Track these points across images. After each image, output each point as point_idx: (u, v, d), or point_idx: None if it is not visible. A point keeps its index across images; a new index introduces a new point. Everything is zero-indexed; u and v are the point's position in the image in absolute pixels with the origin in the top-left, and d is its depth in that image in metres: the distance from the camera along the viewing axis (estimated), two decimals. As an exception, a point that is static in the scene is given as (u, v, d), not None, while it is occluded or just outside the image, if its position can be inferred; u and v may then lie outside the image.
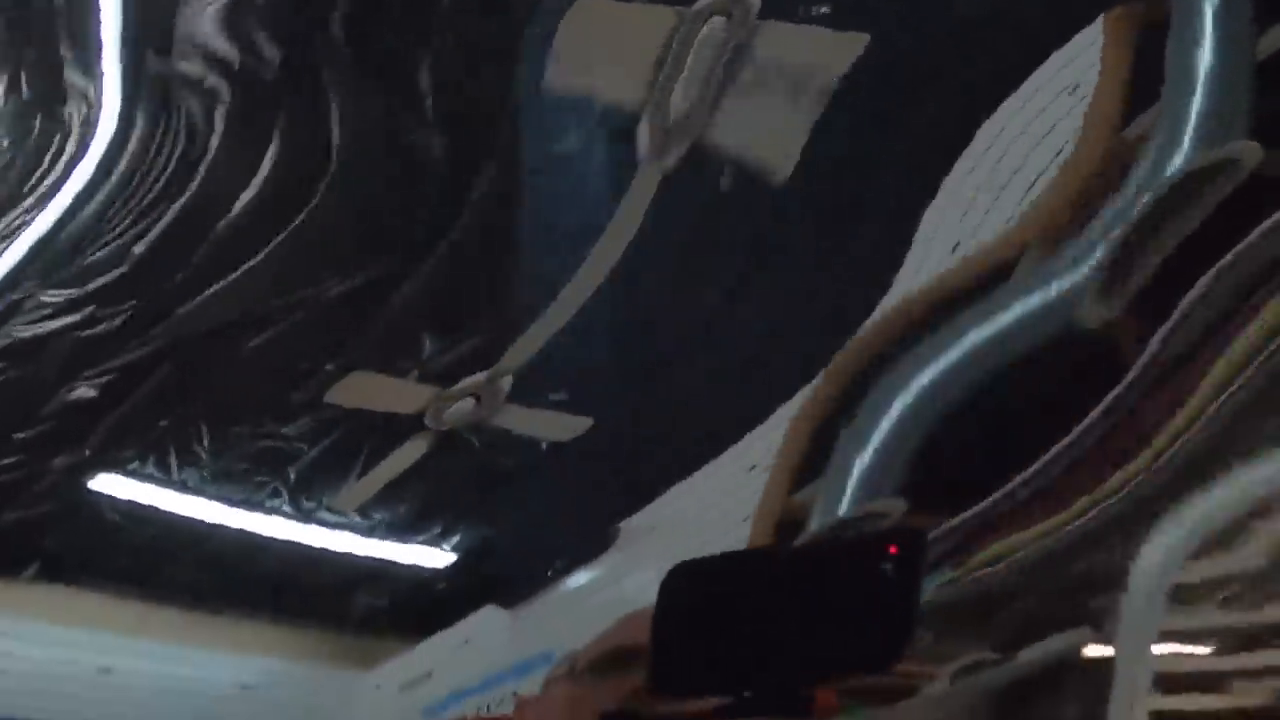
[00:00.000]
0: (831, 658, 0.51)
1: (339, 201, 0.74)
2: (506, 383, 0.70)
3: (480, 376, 0.71)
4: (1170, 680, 0.58)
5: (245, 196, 0.74)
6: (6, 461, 0.76)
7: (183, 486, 0.74)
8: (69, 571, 0.77)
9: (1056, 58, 0.67)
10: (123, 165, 0.77)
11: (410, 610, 0.71)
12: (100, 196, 0.77)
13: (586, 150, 0.73)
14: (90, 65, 0.80)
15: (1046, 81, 0.67)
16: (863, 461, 0.62)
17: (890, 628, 0.51)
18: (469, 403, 0.71)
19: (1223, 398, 0.60)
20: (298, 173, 0.75)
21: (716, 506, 0.66)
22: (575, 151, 0.73)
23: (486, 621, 0.68)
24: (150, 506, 0.75)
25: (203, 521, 0.75)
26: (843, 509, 0.61)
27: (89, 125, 0.78)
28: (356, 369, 0.72)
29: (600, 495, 0.70)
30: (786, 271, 0.70)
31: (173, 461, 0.74)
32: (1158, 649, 0.58)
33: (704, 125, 0.69)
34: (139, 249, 0.75)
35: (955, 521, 0.61)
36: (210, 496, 0.74)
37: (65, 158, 0.78)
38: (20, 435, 0.75)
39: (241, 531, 0.75)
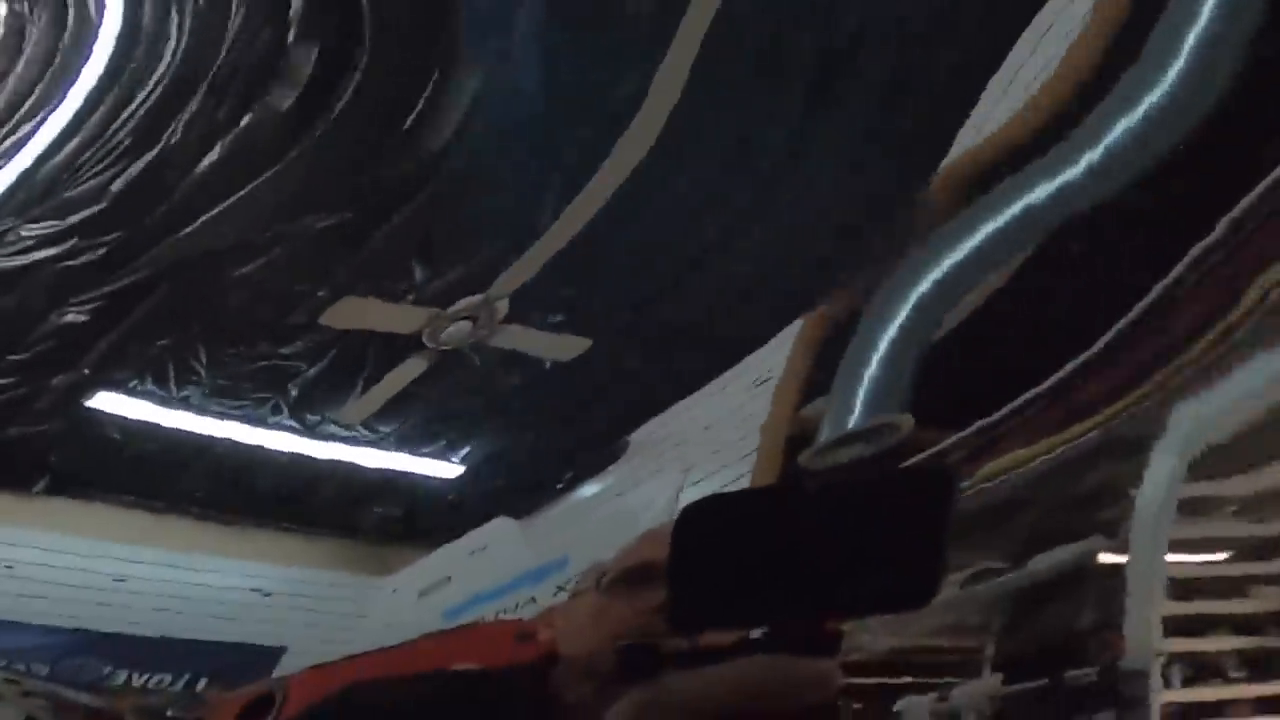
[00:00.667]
0: (858, 598, 0.51)
1: (321, 146, 0.74)
2: (503, 305, 0.71)
3: (476, 299, 0.71)
4: (1184, 586, 0.59)
5: (227, 138, 0.75)
6: (4, 382, 0.77)
7: (183, 403, 0.75)
8: (77, 486, 0.78)
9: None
10: (117, 86, 0.77)
11: (423, 520, 0.72)
12: (83, 133, 0.77)
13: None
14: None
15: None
16: (870, 374, 0.63)
17: (921, 570, 0.51)
18: (465, 324, 0.71)
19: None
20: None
21: (725, 419, 0.67)
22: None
23: (499, 531, 0.70)
24: (152, 423, 0.75)
25: (207, 436, 0.76)
26: (852, 422, 0.62)
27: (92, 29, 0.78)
28: (349, 294, 0.74)
29: (605, 410, 0.71)
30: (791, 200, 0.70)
31: (171, 380, 0.75)
32: (1171, 557, 0.59)
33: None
34: (117, 186, 0.75)
35: (964, 433, 0.61)
36: (211, 413, 0.75)
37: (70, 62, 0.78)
38: (15, 358, 0.76)
39: (247, 445, 0.75)
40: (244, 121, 0.72)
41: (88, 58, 0.78)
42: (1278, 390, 0.61)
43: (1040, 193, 0.66)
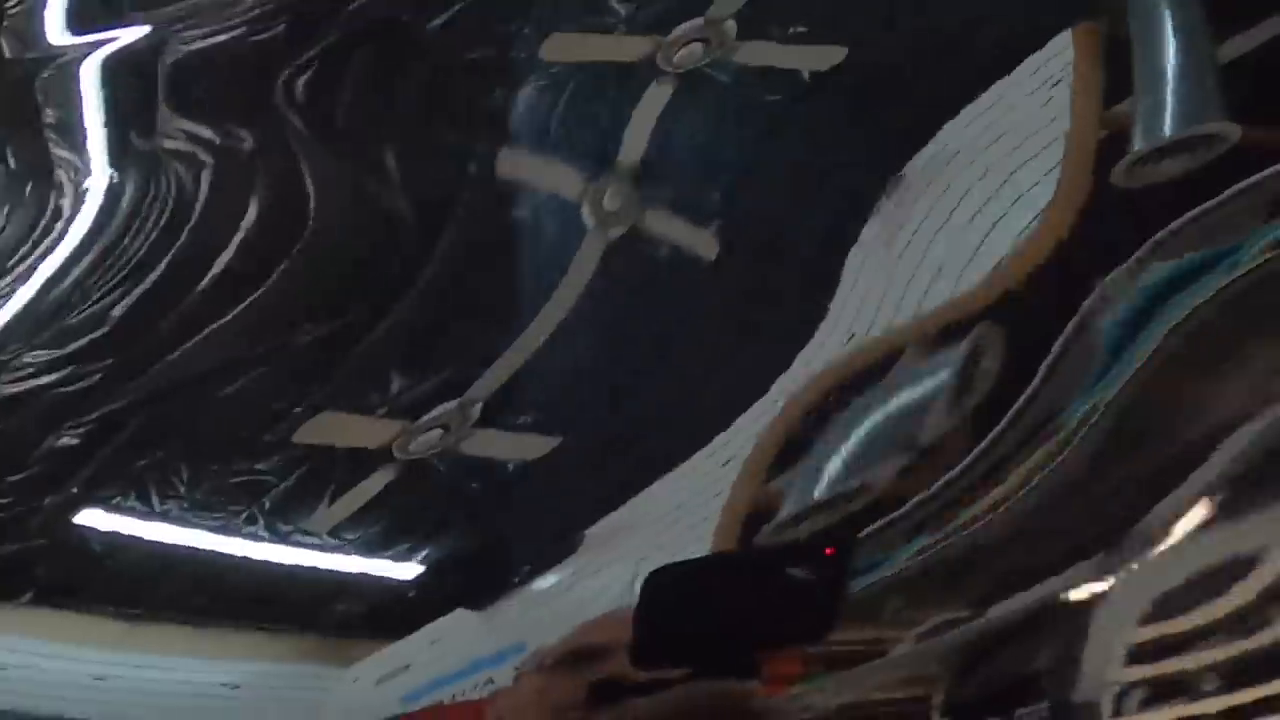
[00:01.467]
0: (776, 634, 0.66)
1: (311, 259, 0.82)
2: (475, 410, 0.76)
3: (450, 405, 0.76)
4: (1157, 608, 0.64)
5: (223, 259, 0.82)
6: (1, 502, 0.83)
7: (164, 517, 0.80)
8: (62, 595, 0.82)
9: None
10: (111, 230, 0.84)
11: (384, 615, 0.75)
12: (85, 262, 0.84)
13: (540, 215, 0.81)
14: (76, 143, 0.88)
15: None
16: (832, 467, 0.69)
17: (822, 612, 0.65)
18: (436, 433, 0.76)
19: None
20: (274, 233, 0.83)
21: (681, 507, 0.71)
22: (530, 216, 0.81)
23: (458, 621, 0.74)
24: (133, 536, 0.81)
25: (185, 546, 0.81)
26: (817, 494, 0.68)
27: (79, 194, 0.85)
28: (326, 409, 0.78)
29: (564, 506, 0.75)
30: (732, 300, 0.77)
31: (153, 495, 0.79)
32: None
33: (637, 217, 0.77)
34: (118, 311, 0.81)
35: (935, 487, 0.66)
36: (190, 525, 0.80)
37: (54, 228, 0.85)
38: (10, 479, 0.82)
39: (221, 553, 0.80)
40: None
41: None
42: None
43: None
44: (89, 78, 0.89)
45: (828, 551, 0.67)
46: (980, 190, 0.68)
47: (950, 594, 0.67)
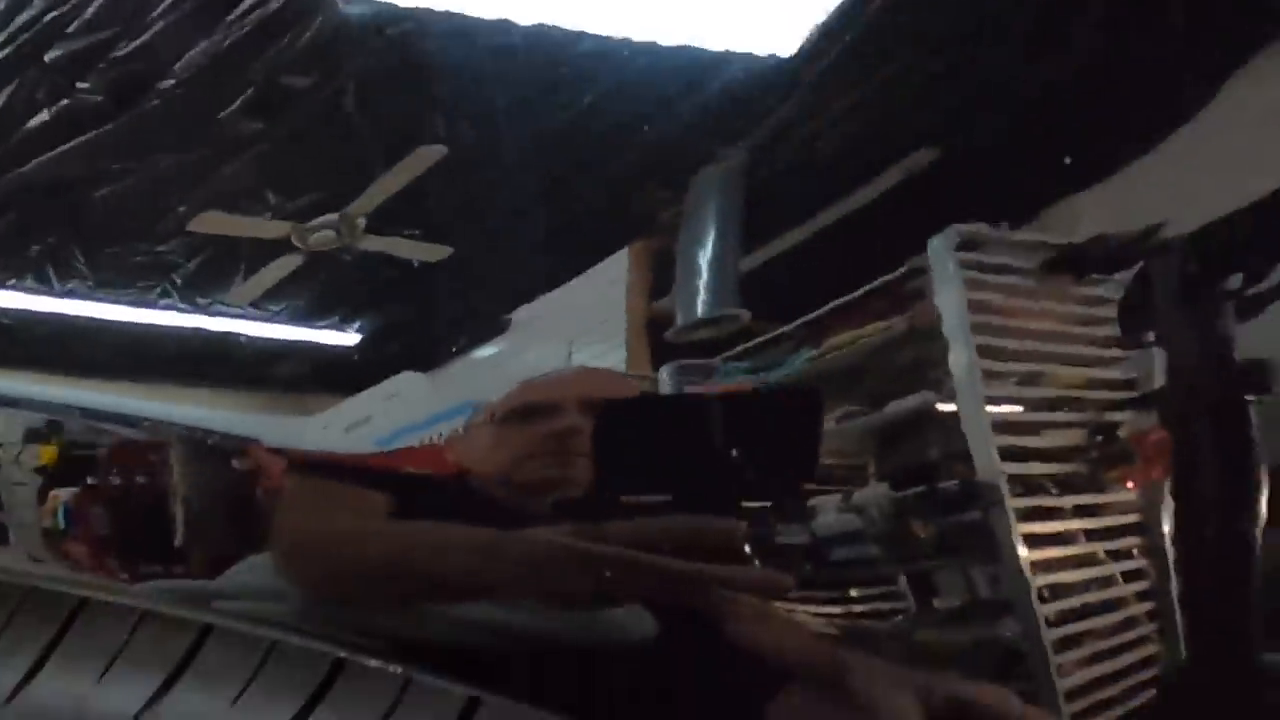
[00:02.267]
0: (756, 481, 0.67)
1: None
2: (361, 221, 0.73)
3: (333, 216, 0.74)
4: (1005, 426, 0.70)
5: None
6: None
7: (70, 294, 0.78)
8: None
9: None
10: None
11: (331, 376, 0.77)
12: None
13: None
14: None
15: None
16: (704, 280, 0.72)
17: (795, 465, 0.68)
18: (329, 233, 0.73)
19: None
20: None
21: (598, 303, 0.74)
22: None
23: (407, 381, 0.76)
24: (44, 312, 0.79)
25: (100, 319, 0.79)
26: (699, 313, 0.71)
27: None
28: (209, 210, 0.76)
29: (482, 295, 0.74)
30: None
31: (52, 277, 0.78)
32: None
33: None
34: None
35: (811, 316, 0.71)
36: (99, 299, 0.78)
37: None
38: None
39: (140, 324, 0.79)
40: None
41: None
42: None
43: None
44: None
45: (799, 401, 0.67)
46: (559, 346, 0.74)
47: (851, 391, 0.72)
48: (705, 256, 0.73)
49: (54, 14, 0.75)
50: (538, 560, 0.66)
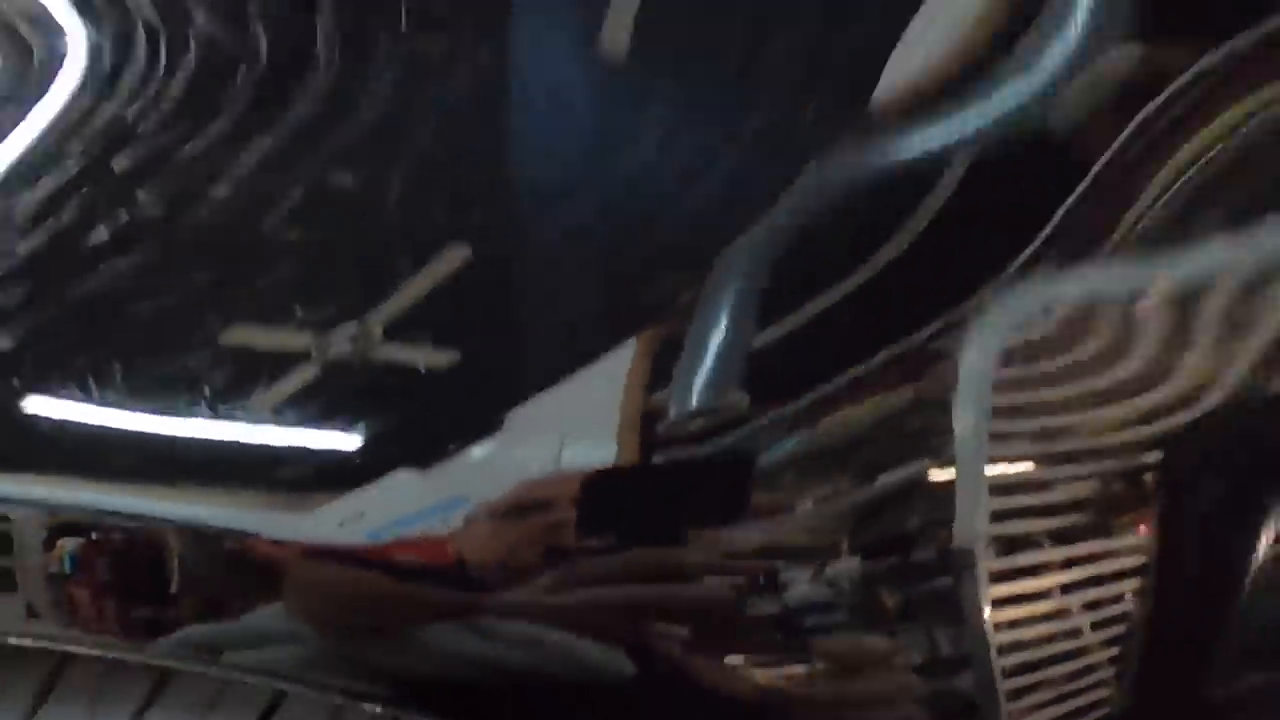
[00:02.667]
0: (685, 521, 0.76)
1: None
2: (379, 329, 0.81)
3: (352, 325, 0.81)
4: (1001, 488, 0.76)
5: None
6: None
7: (108, 403, 0.86)
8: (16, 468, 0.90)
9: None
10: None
11: (332, 477, 0.82)
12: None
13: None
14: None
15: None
16: (705, 367, 0.77)
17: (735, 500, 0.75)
18: (346, 345, 0.81)
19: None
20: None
21: (590, 402, 0.79)
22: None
23: (403, 479, 0.81)
24: (80, 420, 0.86)
25: (132, 428, 0.88)
26: (693, 403, 0.76)
27: None
28: (238, 323, 0.83)
29: (483, 391, 0.81)
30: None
31: (92, 387, 0.85)
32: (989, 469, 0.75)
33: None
34: (25, 249, 0.83)
35: (796, 405, 0.76)
36: (133, 409, 0.86)
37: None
38: None
39: (167, 432, 0.87)
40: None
41: None
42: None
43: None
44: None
45: (722, 473, 0.76)
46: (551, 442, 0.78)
47: (835, 474, 0.76)
48: (716, 340, 0.77)
49: (129, 112, 0.85)
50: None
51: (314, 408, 0.83)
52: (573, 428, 0.79)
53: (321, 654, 0.81)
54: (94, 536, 0.85)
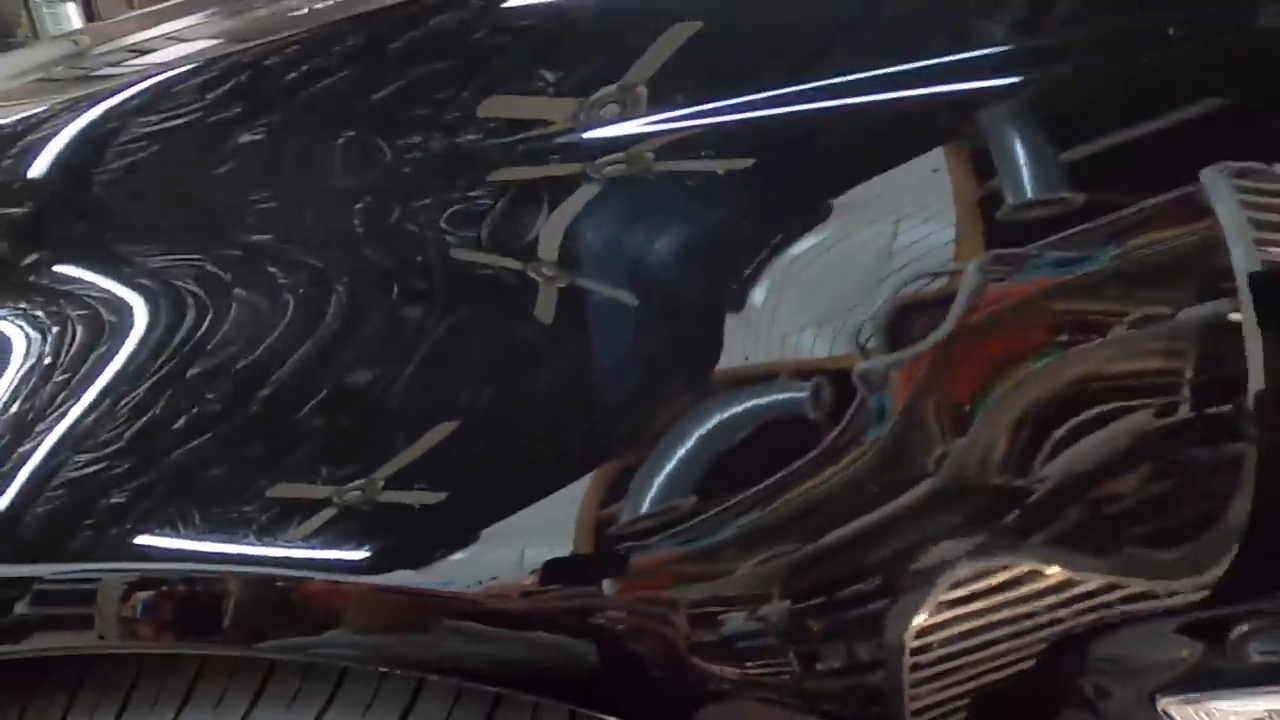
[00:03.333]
0: None
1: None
2: (381, 481, 0.99)
3: (360, 481, 1.00)
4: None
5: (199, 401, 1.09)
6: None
7: (185, 538, 1.06)
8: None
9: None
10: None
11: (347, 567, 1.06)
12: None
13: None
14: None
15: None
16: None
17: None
18: (356, 493, 0.99)
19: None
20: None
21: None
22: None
23: (402, 575, 1.05)
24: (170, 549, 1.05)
25: (203, 552, 1.06)
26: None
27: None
28: (281, 482, 1.08)
29: (464, 518, 1.03)
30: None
31: (180, 526, 1.06)
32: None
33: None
34: (130, 432, 1.09)
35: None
36: (204, 541, 1.06)
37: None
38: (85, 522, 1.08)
39: (228, 554, 1.05)
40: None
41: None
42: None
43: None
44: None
45: None
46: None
47: (773, 544, 0.90)
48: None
49: (198, 336, 1.10)
50: None
51: (334, 536, 1.07)
52: (534, 536, 0.99)
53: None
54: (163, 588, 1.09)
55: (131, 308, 1.13)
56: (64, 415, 1.08)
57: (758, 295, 0.89)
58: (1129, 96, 0.84)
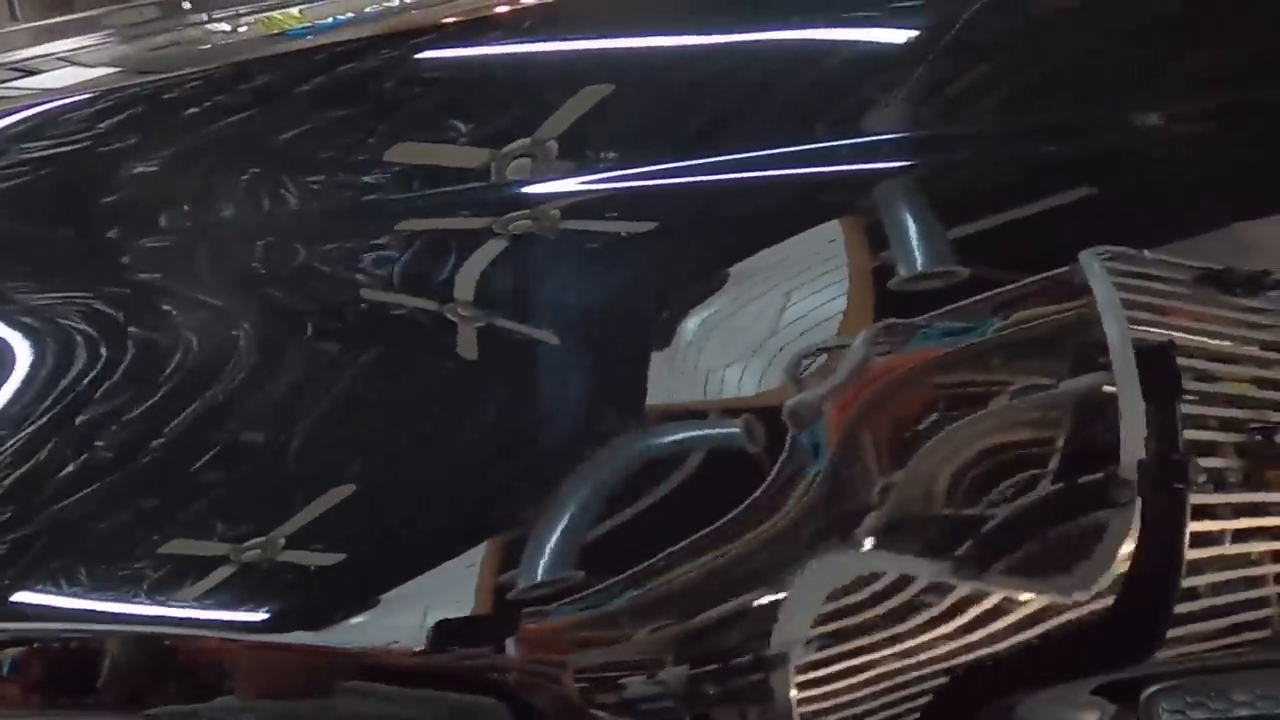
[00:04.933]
0: None
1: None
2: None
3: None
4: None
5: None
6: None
7: (73, 595, 1.02)
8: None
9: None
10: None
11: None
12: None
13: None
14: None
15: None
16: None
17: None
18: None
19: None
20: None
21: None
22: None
23: (300, 635, 1.00)
24: (54, 606, 1.02)
25: (96, 611, 1.02)
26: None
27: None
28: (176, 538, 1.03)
29: (365, 581, 0.99)
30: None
31: (64, 583, 1.02)
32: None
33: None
34: (10, 478, 1.03)
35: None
36: (94, 599, 1.02)
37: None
38: None
39: (122, 614, 1.01)
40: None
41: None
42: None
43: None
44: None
45: None
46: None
47: (664, 614, 0.91)
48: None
49: (88, 380, 1.06)
50: None
51: (230, 596, 1.03)
52: (436, 600, 0.97)
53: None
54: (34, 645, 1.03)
55: (13, 347, 1.08)
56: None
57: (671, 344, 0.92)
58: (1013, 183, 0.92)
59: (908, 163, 0.94)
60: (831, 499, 0.87)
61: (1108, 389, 0.83)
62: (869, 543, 0.87)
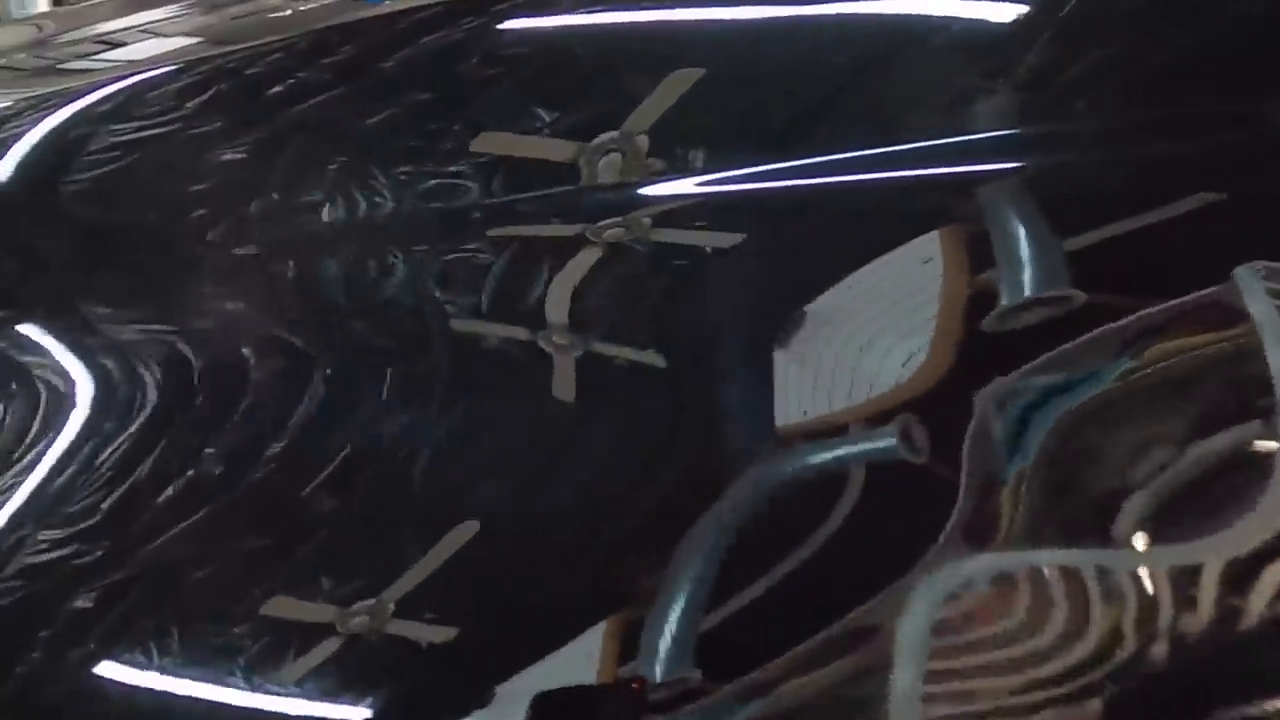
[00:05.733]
0: None
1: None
2: (390, 608, 0.86)
3: (370, 601, 0.87)
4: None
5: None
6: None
7: (160, 670, 0.92)
8: None
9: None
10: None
11: None
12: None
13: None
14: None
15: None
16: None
17: None
18: (364, 618, 0.86)
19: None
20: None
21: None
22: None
23: None
24: (138, 685, 0.93)
25: (177, 694, 0.93)
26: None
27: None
28: (277, 595, 0.93)
29: (477, 667, 0.88)
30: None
31: (154, 651, 0.92)
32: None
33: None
34: (106, 504, 0.94)
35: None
36: (180, 676, 0.92)
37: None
38: (39, 634, 0.94)
39: (206, 699, 0.92)
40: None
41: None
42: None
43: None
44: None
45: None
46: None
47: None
48: (673, 623, 0.80)
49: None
50: None
51: (328, 681, 0.92)
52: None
53: None
54: None
55: (103, 374, 1.02)
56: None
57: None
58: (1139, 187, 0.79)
59: (1016, 164, 0.82)
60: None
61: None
62: (1139, 540, 0.72)
